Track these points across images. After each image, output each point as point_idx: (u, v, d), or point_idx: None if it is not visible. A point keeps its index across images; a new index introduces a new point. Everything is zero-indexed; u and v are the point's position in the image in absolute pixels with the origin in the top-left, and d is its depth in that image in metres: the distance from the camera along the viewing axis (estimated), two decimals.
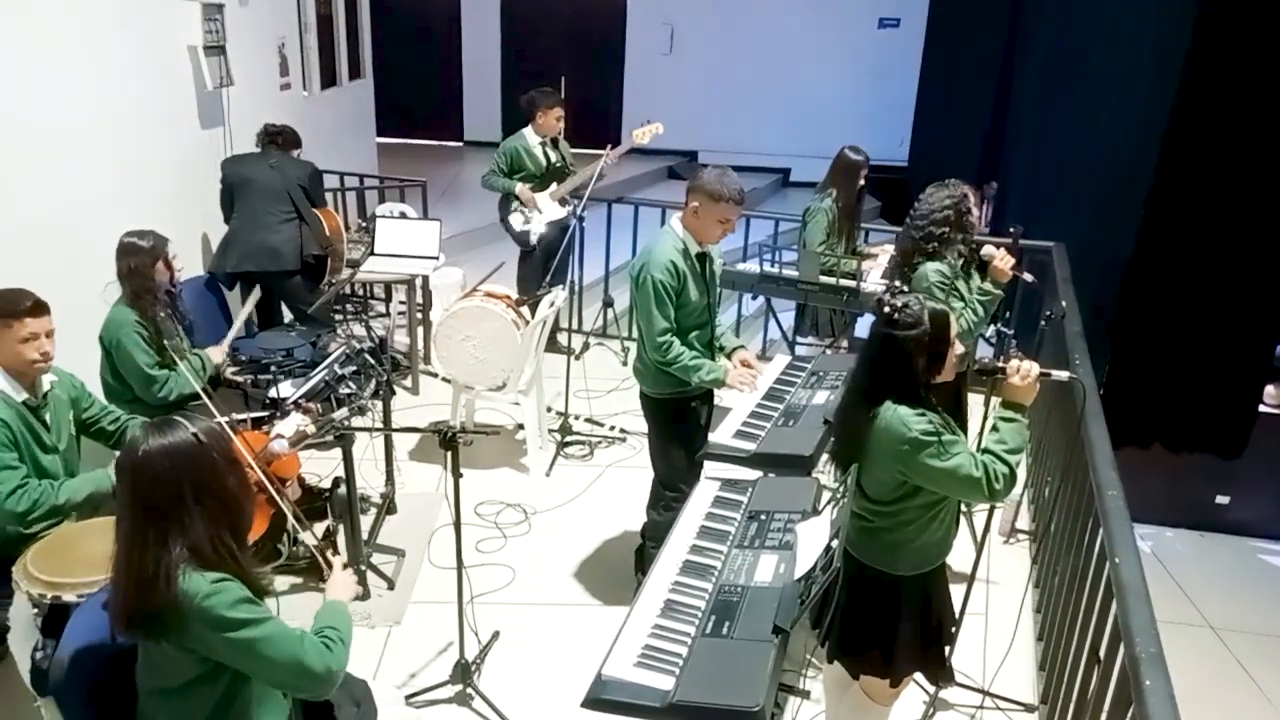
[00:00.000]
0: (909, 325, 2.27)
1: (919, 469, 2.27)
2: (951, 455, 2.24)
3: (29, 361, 2.74)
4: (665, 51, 10.25)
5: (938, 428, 2.26)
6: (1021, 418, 2.37)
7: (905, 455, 2.26)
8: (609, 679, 1.83)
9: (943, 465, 2.24)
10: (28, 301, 2.72)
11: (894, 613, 2.44)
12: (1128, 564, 2.31)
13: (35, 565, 2.49)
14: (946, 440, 2.25)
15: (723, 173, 3.08)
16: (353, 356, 3.70)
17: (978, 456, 2.28)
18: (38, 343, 2.73)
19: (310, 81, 6.56)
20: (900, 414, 2.27)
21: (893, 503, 2.37)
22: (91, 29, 3.86)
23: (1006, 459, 2.29)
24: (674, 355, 3.12)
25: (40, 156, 3.55)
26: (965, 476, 2.24)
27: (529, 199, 5.21)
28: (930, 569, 2.47)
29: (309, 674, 1.87)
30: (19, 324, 2.69)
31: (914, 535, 2.40)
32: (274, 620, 1.87)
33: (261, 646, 1.82)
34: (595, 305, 5.97)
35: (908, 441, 2.24)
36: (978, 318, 3.47)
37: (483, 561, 3.82)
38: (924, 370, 2.30)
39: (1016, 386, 2.37)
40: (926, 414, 2.27)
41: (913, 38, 9.51)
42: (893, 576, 2.42)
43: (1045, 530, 3.80)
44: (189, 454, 1.80)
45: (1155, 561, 5.97)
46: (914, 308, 2.28)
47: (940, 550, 2.48)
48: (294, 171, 4.65)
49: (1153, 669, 1.95)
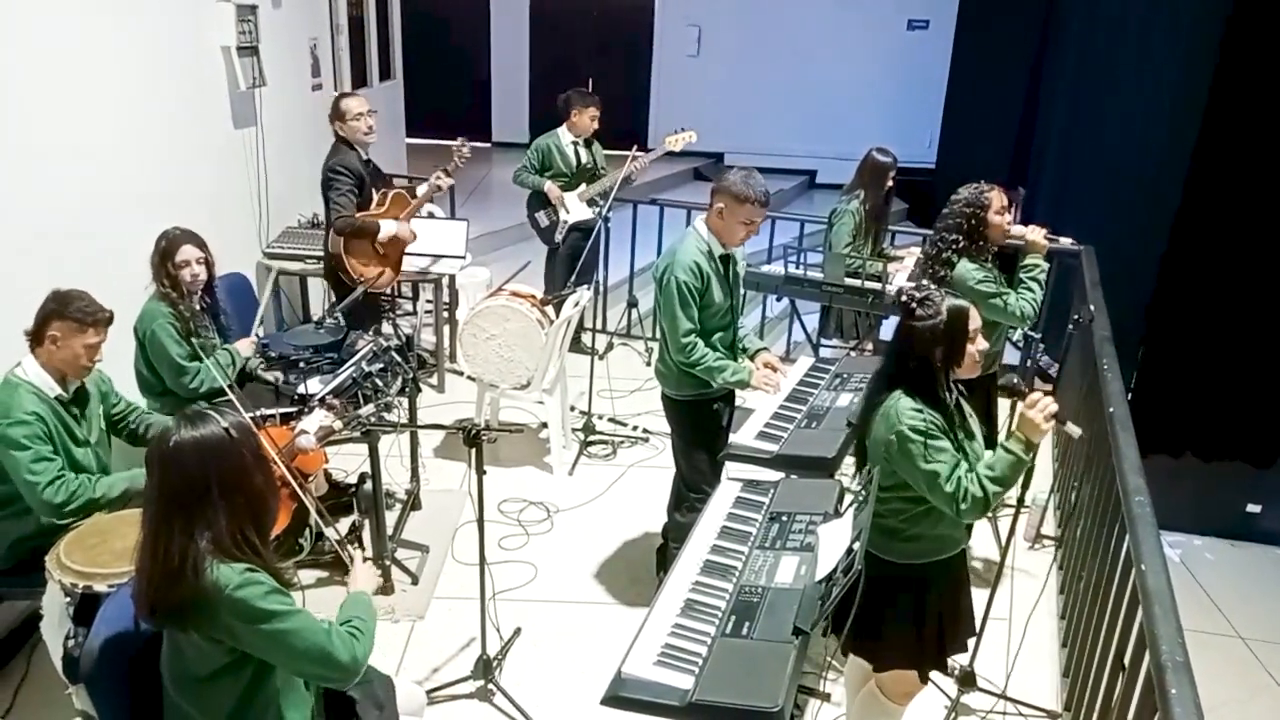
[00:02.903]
0: (926, 316, 2.30)
1: (899, 462, 2.31)
2: (933, 459, 2.26)
3: (81, 366, 2.83)
4: (692, 53, 10.25)
5: (929, 427, 2.27)
6: (1023, 455, 2.30)
7: (890, 445, 2.30)
8: (629, 677, 1.83)
9: (921, 466, 2.27)
10: (105, 313, 2.82)
11: (885, 598, 2.42)
12: (1154, 571, 2.28)
13: (68, 555, 2.54)
14: (933, 444, 2.26)
15: (748, 174, 3.08)
16: (380, 354, 3.74)
17: (961, 470, 2.28)
18: (94, 352, 2.83)
19: (341, 82, 6.62)
20: (900, 405, 2.30)
21: (885, 489, 2.38)
22: (126, 29, 3.93)
23: (986, 486, 2.27)
24: (698, 357, 3.13)
25: (75, 155, 3.61)
26: (938, 484, 2.26)
27: (557, 198, 5.24)
28: (925, 562, 2.45)
29: (336, 664, 1.91)
30: (91, 331, 2.79)
31: (905, 525, 2.41)
32: (302, 612, 1.90)
33: (290, 638, 1.85)
34: (620, 305, 5.99)
35: (895, 433, 2.29)
36: (1035, 294, 3.45)
37: (505, 558, 3.84)
38: (941, 362, 2.32)
39: (1028, 419, 2.32)
40: (924, 411, 2.29)
41: (942, 39, 9.44)
42: (884, 560, 2.43)
43: (1071, 536, 3.76)
44: (218, 448, 1.83)
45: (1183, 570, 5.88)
46: (934, 300, 2.31)
47: (937, 547, 2.46)
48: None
49: (1178, 677, 1.93)
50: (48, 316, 2.76)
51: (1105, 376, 3.38)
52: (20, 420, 2.70)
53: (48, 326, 2.76)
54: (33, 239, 3.35)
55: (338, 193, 4.41)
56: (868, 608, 2.41)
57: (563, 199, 5.24)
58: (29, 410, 2.72)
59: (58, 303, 2.76)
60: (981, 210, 3.42)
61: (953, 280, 3.42)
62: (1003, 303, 3.40)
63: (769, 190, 3.12)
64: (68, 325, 2.75)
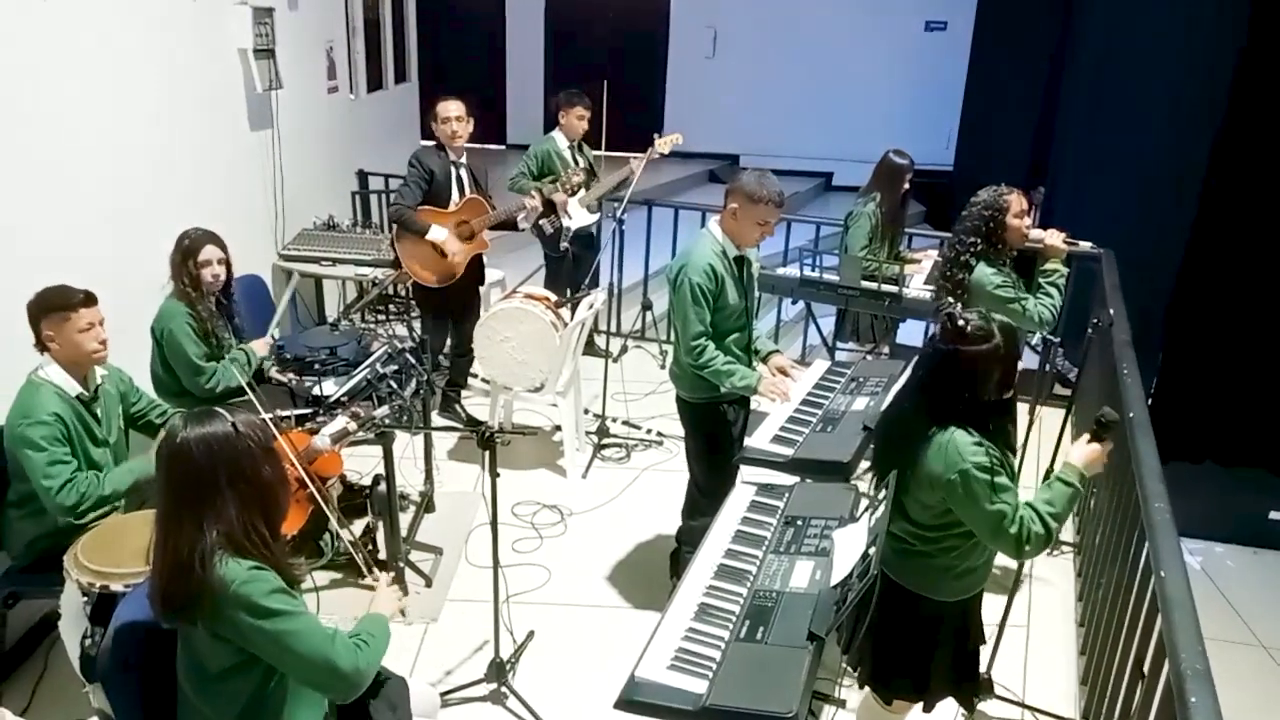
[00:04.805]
0: (980, 339, 2.14)
1: (960, 503, 2.17)
2: (997, 500, 2.13)
3: (89, 352, 2.82)
4: (708, 54, 10.23)
5: (994, 464, 2.14)
6: (1080, 485, 2.24)
7: (952, 485, 2.16)
8: (642, 681, 1.83)
9: (985, 508, 2.14)
10: (80, 293, 2.80)
11: (931, 640, 2.37)
12: (1173, 578, 2.25)
13: (85, 555, 2.56)
14: (999, 483, 2.14)
15: (762, 175, 3.07)
16: (394, 356, 3.74)
17: (1020, 508, 2.17)
18: (94, 331, 2.82)
19: (357, 85, 6.66)
20: (958, 441, 2.16)
21: (936, 528, 2.29)
22: (145, 31, 3.96)
23: (1048, 522, 2.17)
24: (707, 359, 3.11)
25: (93, 156, 3.64)
26: (1002, 527, 2.14)
27: (561, 204, 5.21)
28: (971, 596, 2.41)
29: (336, 671, 1.90)
30: (76, 315, 2.77)
31: (957, 561, 2.32)
32: (308, 615, 1.90)
33: (292, 639, 1.85)
34: (634, 308, 5.98)
35: (959, 472, 2.14)
36: (1054, 300, 3.41)
37: (519, 561, 3.84)
38: (995, 389, 2.19)
39: (1090, 454, 2.24)
40: (985, 445, 2.16)
41: (960, 41, 9.39)
42: (935, 602, 2.35)
43: (1089, 542, 3.72)
44: (225, 441, 1.85)
45: (1204, 577, 5.80)
46: (985, 323, 2.16)
47: (983, 576, 2.42)
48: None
49: (1199, 685, 1.90)
50: (35, 320, 2.78)
51: (1125, 381, 3.35)
52: (40, 421, 2.72)
53: (40, 329, 2.78)
54: (52, 239, 3.38)
55: (403, 182, 4.63)
56: (912, 650, 2.38)
57: (566, 204, 5.19)
58: (50, 411, 2.74)
59: (37, 305, 2.78)
60: (1000, 214, 3.38)
61: (970, 284, 3.39)
62: (1021, 308, 3.37)
63: (783, 191, 3.10)
64: (53, 320, 2.76)
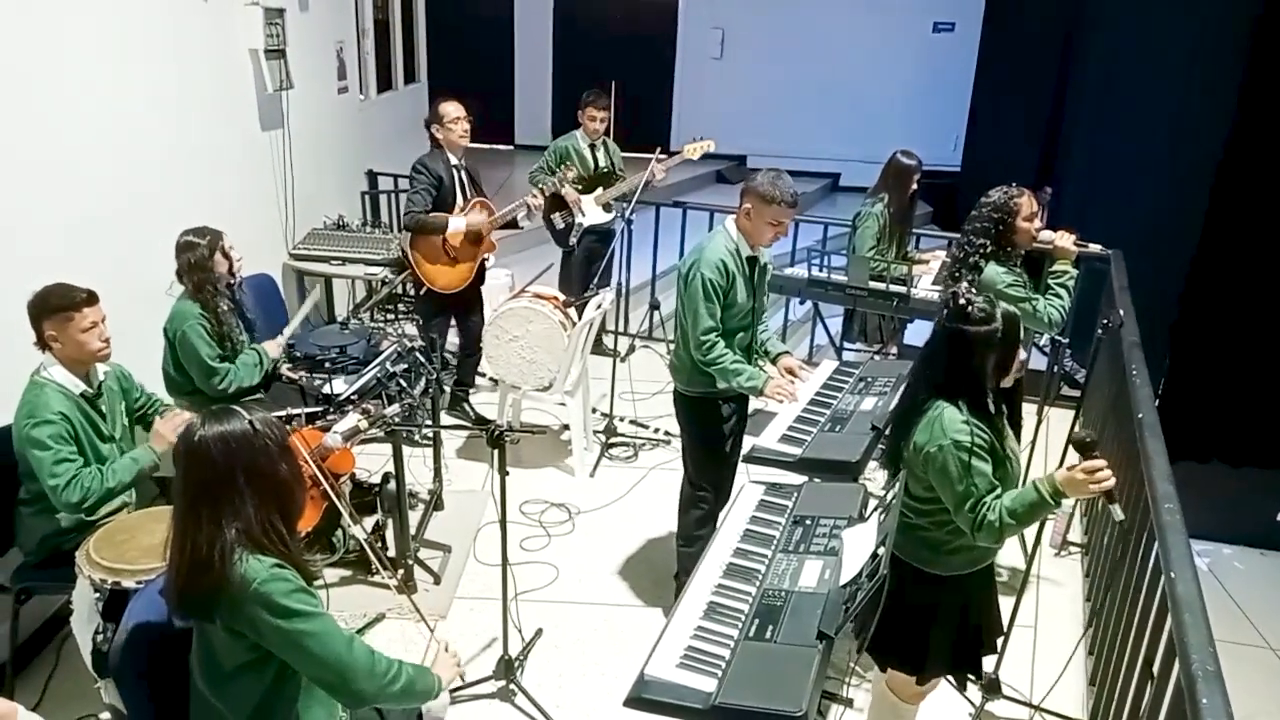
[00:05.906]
0: (981, 321, 2.23)
1: (936, 475, 2.27)
2: (968, 479, 2.23)
3: (94, 351, 2.83)
4: (716, 55, 10.23)
5: (975, 444, 2.22)
6: (1049, 500, 2.21)
7: (931, 458, 2.27)
8: (651, 679, 1.83)
9: (954, 486, 2.24)
10: (83, 292, 2.81)
11: (929, 610, 2.42)
12: (1184, 579, 2.25)
13: (97, 551, 2.58)
14: (975, 465, 2.22)
15: (777, 175, 3.08)
16: (404, 355, 3.76)
17: (989, 497, 2.24)
18: (98, 330, 2.82)
19: (367, 86, 6.68)
20: (946, 417, 2.25)
21: (929, 501, 2.36)
22: (156, 31, 3.97)
23: (1005, 519, 2.22)
24: (716, 355, 3.12)
25: (104, 156, 3.65)
26: (965, 505, 2.24)
27: (574, 200, 5.24)
28: (971, 572, 2.44)
29: (350, 676, 1.91)
30: (79, 315, 2.78)
31: (950, 537, 2.38)
32: (326, 616, 1.91)
33: (309, 640, 1.86)
34: (642, 308, 5.99)
35: (939, 446, 2.25)
36: (1063, 300, 3.41)
37: (527, 559, 3.85)
38: (991, 372, 2.27)
39: (1076, 480, 2.21)
40: (971, 425, 2.24)
41: (967, 42, 9.38)
42: (931, 575, 2.41)
43: (1098, 543, 3.72)
44: (242, 438, 1.86)
45: (1212, 579, 5.78)
46: (988, 307, 2.25)
47: (981, 555, 2.44)
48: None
49: (1210, 687, 1.90)
50: (37, 320, 2.78)
51: (1134, 382, 3.34)
52: (46, 420, 2.73)
53: (42, 329, 2.78)
54: (61, 238, 3.39)
55: (412, 190, 4.61)
56: (911, 620, 2.41)
57: (579, 202, 5.24)
58: (55, 410, 2.75)
59: (38, 304, 2.77)
60: (1011, 216, 3.37)
61: (981, 283, 3.39)
62: (1032, 307, 3.36)
63: (797, 191, 3.11)
64: (55, 320, 2.77)
